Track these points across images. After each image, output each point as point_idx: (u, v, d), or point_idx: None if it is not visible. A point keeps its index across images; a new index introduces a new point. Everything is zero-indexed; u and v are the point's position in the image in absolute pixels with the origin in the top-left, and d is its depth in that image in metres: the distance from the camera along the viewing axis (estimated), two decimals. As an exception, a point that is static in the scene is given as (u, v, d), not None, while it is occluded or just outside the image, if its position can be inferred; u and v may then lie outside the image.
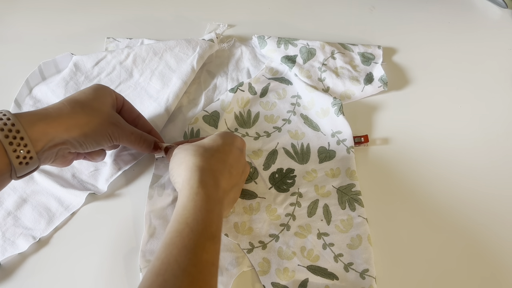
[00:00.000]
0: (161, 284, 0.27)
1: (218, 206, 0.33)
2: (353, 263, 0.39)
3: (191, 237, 0.29)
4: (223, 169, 0.36)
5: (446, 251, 0.41)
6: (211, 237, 0.30)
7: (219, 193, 0.34)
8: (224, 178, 0.36)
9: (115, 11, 0.61)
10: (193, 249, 0.29)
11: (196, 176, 0.33)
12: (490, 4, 0.66)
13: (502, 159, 0.48)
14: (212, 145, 0.37)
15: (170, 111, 0.48)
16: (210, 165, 0.35)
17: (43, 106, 0.48)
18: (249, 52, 0.56)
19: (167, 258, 0.28)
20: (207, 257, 0.29)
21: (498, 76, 0.57)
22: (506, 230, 0.43)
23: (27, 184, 0.42)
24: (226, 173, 0.36)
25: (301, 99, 0.51)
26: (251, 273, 0.39)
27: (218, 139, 0.38)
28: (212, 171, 0.35)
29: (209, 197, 0.32)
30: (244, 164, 0.40)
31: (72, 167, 0.44)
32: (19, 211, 0.41)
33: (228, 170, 0.36)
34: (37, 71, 0.50)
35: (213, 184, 0.34)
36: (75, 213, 0.41)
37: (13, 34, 0.57)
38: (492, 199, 0.45)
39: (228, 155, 0.37)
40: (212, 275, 0.29)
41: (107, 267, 0.38)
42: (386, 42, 0.59)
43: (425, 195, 0.45)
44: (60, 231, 0.40)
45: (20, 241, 0.39)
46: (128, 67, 0.51)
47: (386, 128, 0.50)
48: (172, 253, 0.28)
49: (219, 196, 0.34)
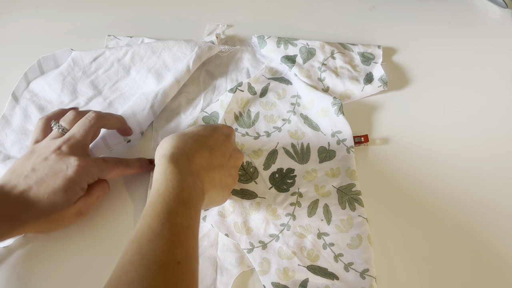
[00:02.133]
0: (136, 249, 0.27)
1: (191, 177, 0.33)
2: (353, 263, 0.39)
3: (163, 205, 0.30)
4: (200, 148, 0.36)
5: (446, 251, 0.41)
6: (183, 203, 0.31)
7: (192, 166, 0.34)
8: (201, 156, 0.35)
9: (116, 10, 0.61)
10: (165, 215, 0.29)
11: (169, 153, 0.34)
12: (490, 4, 0.66)
13: (502, 159, 0.48)
14: (191, 130, 0.38)
15: (157, 108, 0.47)
16: (185, 144, 0.35)
17: (40, 100, 0.48)
18: (249, 52, 0.56)
19: (141, 226, 0.29)
20: (180, 221, 0.30)
21: (498, 76, 0.57)
22: (507, 230, 0.43)
23: None
24: (204, 152, 0.36)
25: (301, 99, 0.51)
26: (251, 273, 0.39)
27: (199, 126, 0.39)
28: (186, 148, 0.35)
29: (180, 169, 0.33)
30: (232, 150, 0.40)
31: None
32: None
33: (207, 150, 0.36)
34: (35, 65, 0.50)
35: (185, 160, 0.34)
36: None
37: (13, 32, 0.57)
38: (493, 198, 0.45)
39: (208, 138, 0.37)
40: (187, 237, 0.30)
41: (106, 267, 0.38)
42: (386, 42, 0.59)
43: (425, 195, 0.45)
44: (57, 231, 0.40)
45: None
46: (126, 65, 0.51)
47: (386, 128, 0.50)
48: (146, 221, 0.29)
49: (192, 168, 0.34)
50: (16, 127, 0.46)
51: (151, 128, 0.48)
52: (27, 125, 0.46)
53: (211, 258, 0.39)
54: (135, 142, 0.47)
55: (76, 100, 0.49)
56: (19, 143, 0.45)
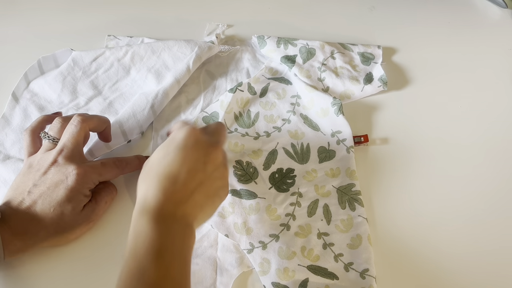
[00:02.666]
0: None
1: (164, 223, 0.31)
2: (353, 263, 0.39)
3: (134, 264, 0.29)
4: (170, 181, 0.32)
5: (446, 251, 0.41)
6: (156, 256, 0.29)
7: (166, 207, 0.32)
8: (174, 190, 0.32)
9: (116, 10, 0.61)
10: (137, 273, 0.28)
11: (140, 204, 0.32)
12: (490, 4, 0.66)
13: (502, 159, 0.48)
14: (155, 160, 0.34)
15: (157, 107, 0.47)
16: (156, 183, 0.32)
17: (40, 100, 0.48)
18: (249, 52, 0.56)
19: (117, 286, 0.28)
20: (155, 275, 0.28)
21: (498, 76, 0.57)
22: (508, 230, 0.43)
23: None
24: (176, 183, 0.32)
25: (301, 99, 0.51)
26: (252, 273, 0.39)
27: (160, 151, 0.34)
28: (156, 190, 0.32)
29: (151, 219, 0.30)
30: (205, 154, 0.34)
31: None
32: None
33: (178, 178, 0.32)
34: (36, 65, 0.50)
35: (154, 206, 0.31)
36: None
37: (13, 32, 0.57)
38: (493, 198, 0.45)
39: (174, 160, 0.33)
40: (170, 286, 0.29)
41: (104, 267, 0.38)
42: (386, 42, 0.59)
43: (425, 194, 0.45)
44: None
45: None
46: (126, 65, 0.51)
47: (386, 128, 0.50)
48: (120, 283, 0.28)
49: (164, 212, 0.31)
50: (16, 127, 0.46)
51: (151, 128, 0.48)
52: (27, 125, 0.46)
53: (211, 259, 0.39)
54: (135, 142, 0.47)
55: (76, 100, 0.49)
56: (19, 143, 0.45)
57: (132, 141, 0.46)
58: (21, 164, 0.43)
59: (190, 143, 0.34)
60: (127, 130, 0.45)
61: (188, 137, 0.34)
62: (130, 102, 0.47)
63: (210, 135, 0.36)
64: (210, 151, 0.35)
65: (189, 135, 0.34)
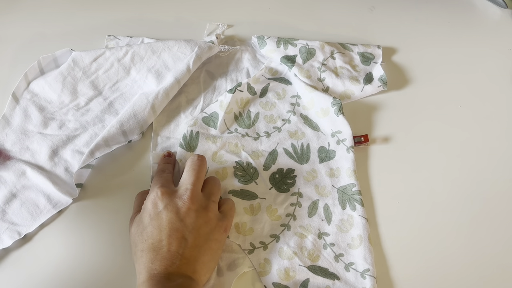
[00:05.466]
0: None
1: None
2: (354, 263, 0.39)
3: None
4: (153, 249, 0.34)
5: (446, 251, 0.41)
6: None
7: (156, 277, 0.33)
8: (160, 257, 0.34)
9: (116, 10, 0.61)
10: None
11: (140, 281, 0.33)
12: (490, 4, 0.67)
13: (502, 159, 0.48)
14: (133, 235, 0.36)
15: (158, 107, 0.47)
16: (159, 260, 0.34)
17: (40, 100, 0.48)
18: (249, 52, 0.56)
19: None
20: None
21: (498, 76, 0.57)
22: (508, 231, 0.43)
23: (18, 179, 0.42)
24: (157, 252, 0.34)
25: (301, 99, 0.51)
26: (252, 274, 0.39)
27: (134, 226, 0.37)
28: (161, 265, 0.33)
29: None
30: (177, 211, 0.35)
31: (65, 161, 0.44)
32: (7, 205, 0.40)
33: (157, 245, 0.34)
34: (36, 65, 0.50)
35: (143, 280, 0.33)
36: (74, 213, 0.41)
37: (13, 32, 0.57)
38: (493, 198, 0.45)
39: (152, 229, 0.35)
40: None
41: (102, 267, 0.38)
42: (386, 42, 0.59)
43: (425, 194, 0.45)
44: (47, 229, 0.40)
45: (5, 237, 0.39)
46: (126, 65, 0.51)
47: (386, 128, 0.50)
48: None
49: (155, 281, 0.32)
50: (16, 127, 0.46)
51: (151, 128, 0.48)
52: (27, 125, 0.46)
53: (211, 259, 0.39)
54: (135, 142, 0.47)
55: (76, 101, 0.49)
56: (19, 143, 0.45)
57: (132, 141, 0.46)
58: (21, 164, 0.43)
59: (159, 208, 0.36)
60: (127, 130, 0.45)
61: (155, 203, 0.36)
62: (131, 102, 0.47)
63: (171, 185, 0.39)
64: (181, 205, 0.36)
65: (155, 202, 0.36)
